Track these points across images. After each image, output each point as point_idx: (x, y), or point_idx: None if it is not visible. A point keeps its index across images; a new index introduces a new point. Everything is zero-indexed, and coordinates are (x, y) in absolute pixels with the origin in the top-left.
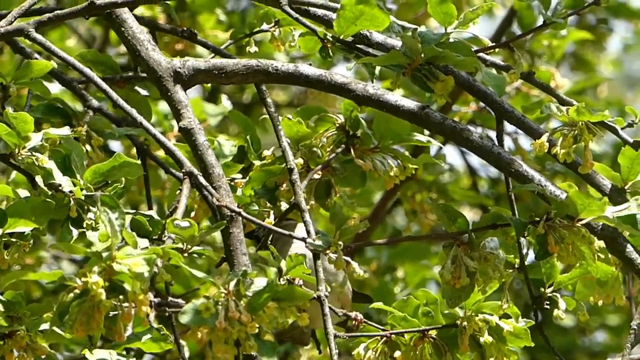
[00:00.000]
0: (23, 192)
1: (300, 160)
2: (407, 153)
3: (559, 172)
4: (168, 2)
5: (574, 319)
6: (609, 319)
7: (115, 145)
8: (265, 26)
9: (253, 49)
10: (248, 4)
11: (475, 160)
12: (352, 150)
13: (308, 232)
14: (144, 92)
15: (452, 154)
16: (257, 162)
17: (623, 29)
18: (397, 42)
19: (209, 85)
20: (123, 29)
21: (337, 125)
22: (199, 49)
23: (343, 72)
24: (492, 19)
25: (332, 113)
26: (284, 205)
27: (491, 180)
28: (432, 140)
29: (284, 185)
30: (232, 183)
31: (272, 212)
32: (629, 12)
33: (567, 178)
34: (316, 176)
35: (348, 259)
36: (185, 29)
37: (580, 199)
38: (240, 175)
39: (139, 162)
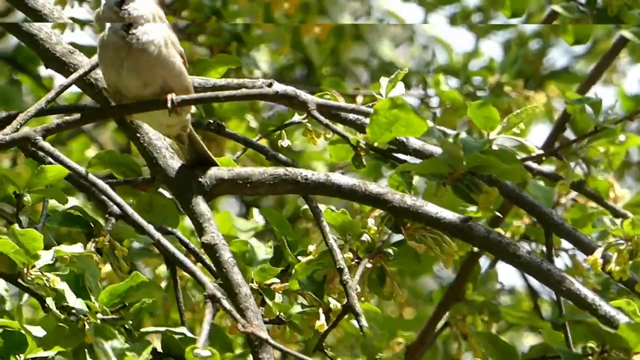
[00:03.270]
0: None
1: (350, 255)
2: None
3: (626, 290)
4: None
5: None
6: None
7: None
8: (297, 117)
9: (285, 142)
10: (283, 109)
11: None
12: (402, 230)
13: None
14: (168, 195)
15: (511, 274)
16: (297, 261)
17: None
18: (436, 149)
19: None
20: (139, 134)
21: None
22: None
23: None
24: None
25: None
26: (332, 301)
27: (554, 302)
28: None
29: (335, 281)
30: (271, 288)
31: (321, 311)
32: None
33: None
34: (368, 265)
35: None
36: (212, 121)
37: (632, 335)
38: (278, 280)
39: (161, 284)
